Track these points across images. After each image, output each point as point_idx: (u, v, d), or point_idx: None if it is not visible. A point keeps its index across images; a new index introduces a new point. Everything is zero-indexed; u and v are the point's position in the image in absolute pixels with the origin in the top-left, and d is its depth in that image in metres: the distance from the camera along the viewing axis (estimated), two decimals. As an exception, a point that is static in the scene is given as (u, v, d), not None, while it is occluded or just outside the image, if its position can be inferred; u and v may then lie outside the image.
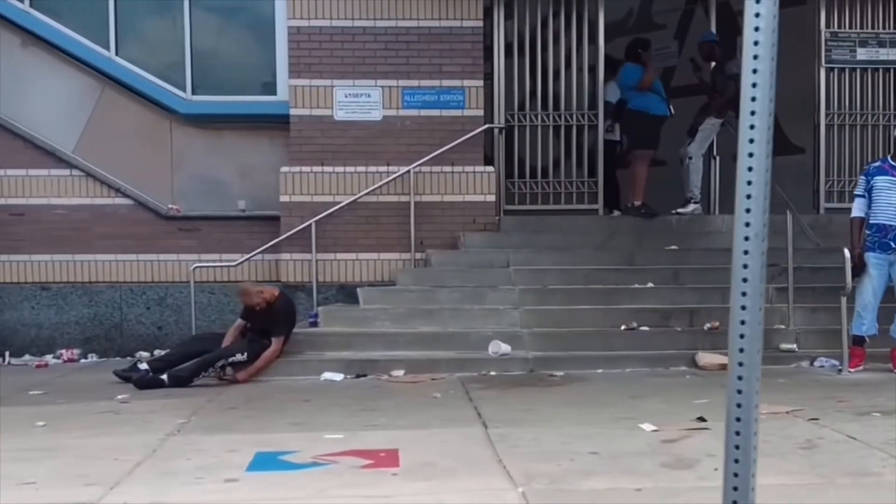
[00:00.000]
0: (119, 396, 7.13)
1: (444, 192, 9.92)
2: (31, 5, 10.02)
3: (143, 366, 7.92)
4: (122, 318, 10.20)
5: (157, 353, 9.91)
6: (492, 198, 9.98)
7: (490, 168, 10.04)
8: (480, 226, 9.91)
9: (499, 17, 10.20)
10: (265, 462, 4.76)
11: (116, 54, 10.10)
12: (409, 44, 9.92)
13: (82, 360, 9.96)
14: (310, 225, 9.67)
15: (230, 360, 7.57)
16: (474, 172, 9.95)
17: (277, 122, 10.25)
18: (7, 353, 10.04)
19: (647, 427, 5.43)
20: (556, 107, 10.40)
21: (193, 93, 10.15)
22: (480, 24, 9.99)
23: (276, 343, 7.70)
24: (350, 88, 9.91)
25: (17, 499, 4.17)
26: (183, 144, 10.39)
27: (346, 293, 9.71)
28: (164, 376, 7.52)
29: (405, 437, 5.34)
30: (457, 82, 9.95)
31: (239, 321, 8.00)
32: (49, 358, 9.94)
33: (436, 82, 9.95)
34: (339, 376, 7.73)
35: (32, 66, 10.27)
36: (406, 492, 4.18)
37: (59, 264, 10.17)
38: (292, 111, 9.93)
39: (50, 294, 10.16)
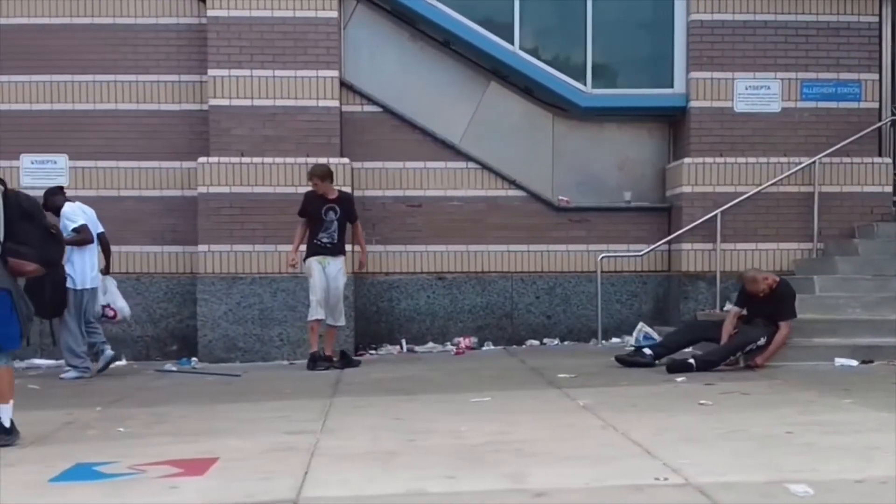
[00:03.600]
0: (678, 379, 7.33)
1: (843, 182, 10.10)
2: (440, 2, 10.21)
3: (648, 351, 8.12)
4: (512, 308, 10.40)
5: (547, 341, 10.20)
6: (889, 188, 10.16)
7: (887, 159, 10.22)
8: (878, 216, 10.08)
9: (886, 11, 10.35)
10: None
11: (519, 48, 10.28)
12: (808, 38, 10.12)
13: (484, 348, 10.17)
14: (715, 215, 9.86)
15: (757, 344, 7.76)
16: (872, 164, 10.13)
17: (659, 115, 10.48)
18: (404, 341, 10.27)
19: None
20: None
21: (592, 86, 10.32)
22: (876, 19, 10.17)
23: (784, 327, 7.88)
24: (751, 81, 10.10)
25: None
26: (564, 137, 10.59)
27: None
28: (692, 360, 7.71)
29: None
30: (853, 75, 10.13)
31: (734, 308, 8.17)
32: (439, 347, 10.19)
33: (833, 75, 10.13)
34: (853, 362, 7.92)
35: (420, 59, 10.49)
36: None
37: (454, 254, 10.38)
38: (692, 103, 10.12)
39: (445, 284, 10.37)
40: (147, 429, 5.95)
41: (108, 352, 8.76)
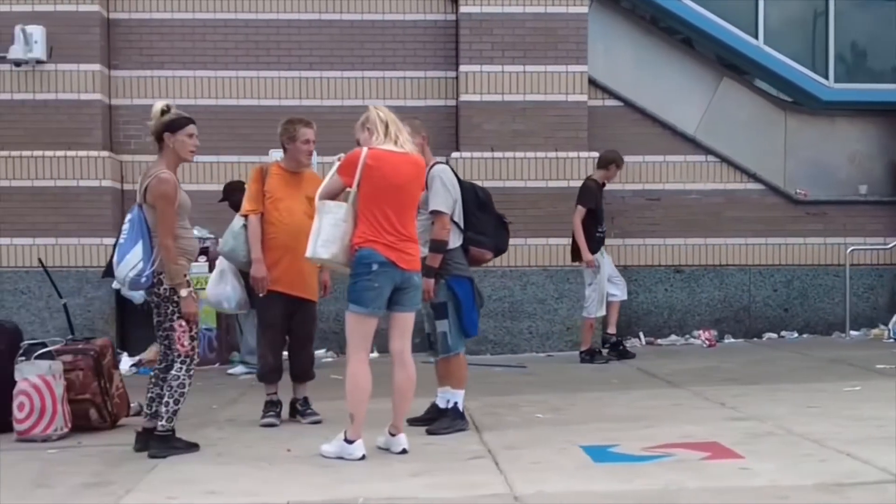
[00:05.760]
0: None
1: None
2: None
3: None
4: (750, 300, 10.47)
5: (785, 334, 10.26)
6: None
7: None
8: None
9: None
10: None
11: (764, 43, 10.35)
12: None
13: (726, 341, 10.24)
14: (963, 208, 9.94)
15: None
16: None
17: (891, 110, 10.52)
18: (641, 334, 10.34)
19: None
20: None
21: (835, 80, 10.39)
22: None
23: None
24: None
25: None
26: (796, 131, 10.66)
27: None
28: None
29: None
30: None
31: None
32: (681, 340, 10.26)
33: None
34: None
35: (654, 54, 10.57)
36: None
37: (692, 248, 10.44)
38: (934, 98, 10.20)
39: (683, 277, 10.44)
40: (558, 415, 6.05)
41: None
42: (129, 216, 5.12)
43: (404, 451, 4.90)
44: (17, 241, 9.67)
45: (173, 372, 5.04)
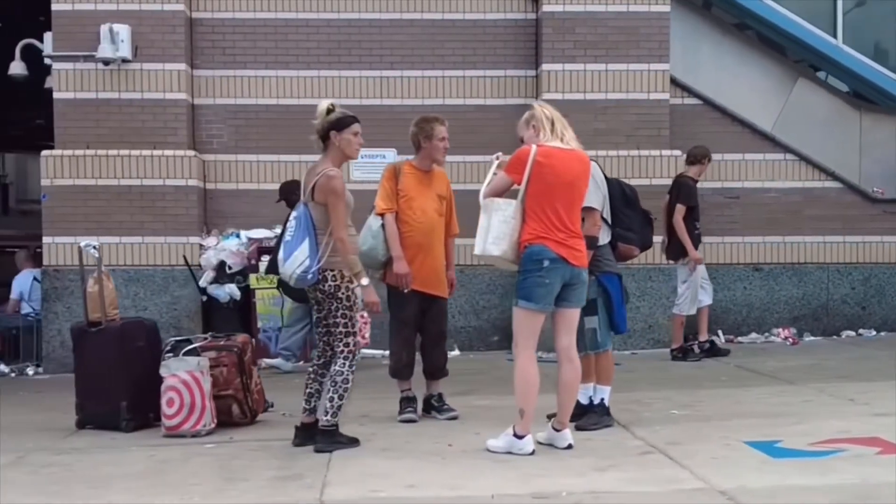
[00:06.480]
0: None
1: None
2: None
3: None
4: (828, 298, 10.49)
5: (863, 332, 10.29)
6: None
7: None
8: None
9: None
10: None
11: (843, 42, 10.40)
12: None
13: (806, 339, 10.26)
14: None
15: None
16: None
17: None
18: (720, 332, 10.35)
19: None
20: None
21: (915, 80, 10.46)
22: None
23: None
24: None
25: None
26: (871, 130, 10.69)
27: None
28: None
29: None
30: None
31: None
32: (761, 338, 10.28)
33: None
34: None
35: (731, 53, 10.61)
36: None
37: (771, 246, 10.47)
38: None
39: (762, 275, 10.47)
40: (693, 411, 6.07)
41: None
42: (293, 214, 5.15)
43: (570, 447, 4.93)
44: (104, 239, 9.64)
45: (337, 367, 5.07)
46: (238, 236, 9.89)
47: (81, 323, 6.16)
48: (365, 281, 5.07)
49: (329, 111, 5.26)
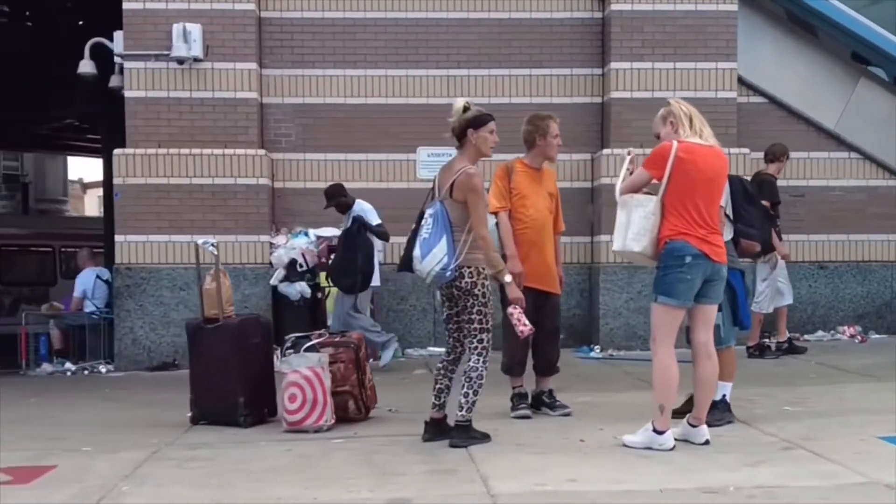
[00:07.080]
0: None
1: None
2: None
3: None
4: (892, 296, 10.53)
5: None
6: None
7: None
8: None
9: None
10: None
11: (912, 41, 10.43)
12: None
13: (873, 336, 10.28)
14: None
15: None
16: None
17: None
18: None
19: None
20: None
21: None
22: None
23: None
24: None
25: None
26: (932, 129, 10.74)
27: None
28: None
29: None
30: None
31: None
32: (827, 336, 10.31)
33: None
34: None
35: (793, 52, 10.67)
36: None
37: (835, 244, 10.52)
38: None
39: (826, 273, 10.50)
40: (804, 407, 6.09)
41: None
42: (429, 211, 5.17)
43: (707, 443, 4.95)
44: (175, 238, 9.73)
45: (471, 363, 5.10)
46: (306, 234, 9.93)
47: (197, 319, 6.18)
48: (508, 278, 5.11)
49: (465, 109, 5.27)
